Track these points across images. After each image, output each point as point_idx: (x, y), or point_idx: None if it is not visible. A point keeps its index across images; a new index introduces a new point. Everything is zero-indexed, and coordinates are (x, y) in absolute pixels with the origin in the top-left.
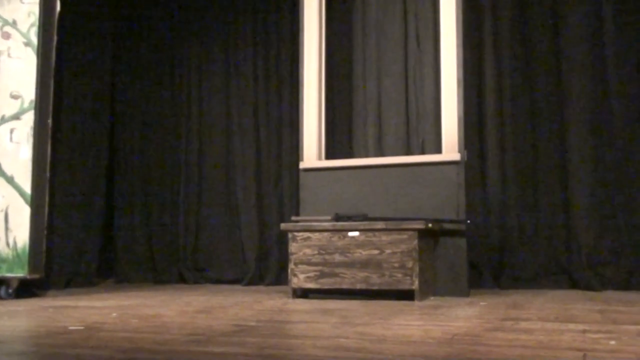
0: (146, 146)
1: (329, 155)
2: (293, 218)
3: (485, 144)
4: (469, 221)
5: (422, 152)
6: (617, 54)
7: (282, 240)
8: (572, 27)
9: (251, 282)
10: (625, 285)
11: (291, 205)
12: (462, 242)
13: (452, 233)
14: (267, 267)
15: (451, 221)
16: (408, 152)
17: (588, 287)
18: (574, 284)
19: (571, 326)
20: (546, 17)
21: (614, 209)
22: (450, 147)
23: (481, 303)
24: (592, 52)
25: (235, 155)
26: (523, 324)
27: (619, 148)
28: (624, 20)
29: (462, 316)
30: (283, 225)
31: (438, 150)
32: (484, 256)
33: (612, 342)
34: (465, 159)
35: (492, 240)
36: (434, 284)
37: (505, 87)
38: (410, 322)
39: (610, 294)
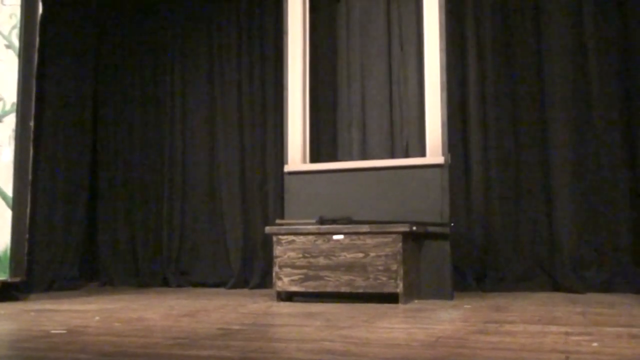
0: (129, 149)
1: (314, 159)
2: (278, 221)
3: (468, 147)
4: (452, 224)
5: (406, 155)
6: (598, 58)
7: (267, 243)
8: (554, 31)
9: (235, 286)
10: (607, 287)
11: (276, 208)
12: (446, 245)
13: (436, 236)
14: (252, 271)
15: (435, 224)
16: (392, 155)
17: (570, 290)
18: (556, 287)
19: (554, 328)
20: (528, 20)
21: (595, 212)
22: (434, 150)
23: (465, 306)
24: (574, 55)
25: (219, 158)
26: (506, 327)
27: (601, 152)
28: (604, 23)
29: (446, 319)
30: (268, 229)
31: (422, 153)
32: (468, 259)
33: (594, 344)
34: (449, 162)
35: (476, 244)
36: (418, 287)
37: (488, 90)
38: (394, 325)
39: (592, 296)
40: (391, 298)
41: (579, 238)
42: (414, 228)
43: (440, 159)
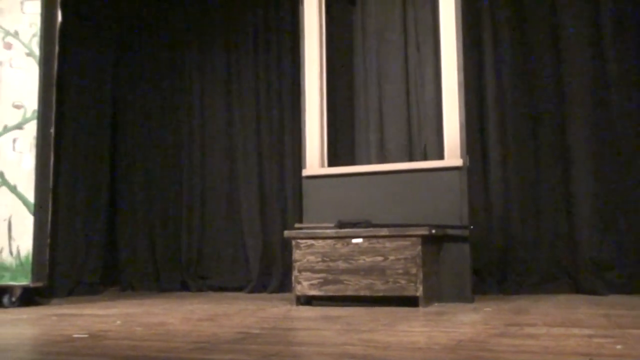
0: (148, 155)
1: (332, 163)
2: (296, 225)
3: (487, 148)
4: (472, 227)
5: (424, 158)
6: (617, 56)
7: (286, 247)
8: (572, 25)
9: (255, 290)
10: (630, 289)
11: (294, 212)
12: (465, 247)
13: (455, 239)
14: (271, 275)
15: (454, 227)
16: (410, 158)
17: (592, 292)
18: (578, 289)
19: (576, 331)
20: (545, 20)
21: (617, 213)
22: (453, 152)
23: (486, 309)
24: (593, 54)
25: (237, 163)
26: (528, 330)
27: (621, 152)
28: (623, 22)
29: (467, 322)
30: (286, 233)
31: (440, 156)
32: (488, 261)
33: (618, 347)
34: (468, 164)
35: (496, 246)
36: (438, 290)
37: (507, 91)
38: (414, 329)
39: (614, 298)
40: (411, 301)
41: (600, 239)
42: (433, 231)
43: (458, 161)
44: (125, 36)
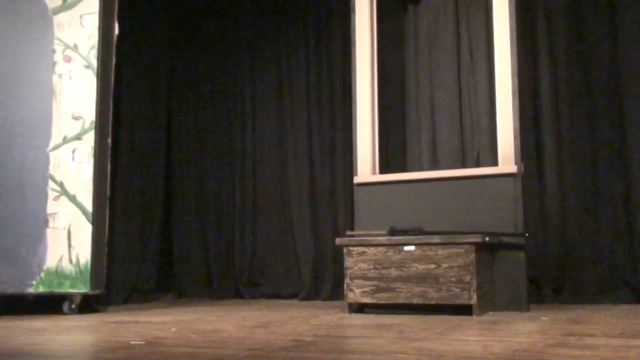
0: (202, 163)
1: (383, 170)
2: (348, 233)
3: (542, 155)
4: (527, 234)
5: (478, 165)
6: None
7: (338, 255)
8: (630, 31)
9: (307, 297)
10: None
11: (346, 220)
12: (520, 255)
13: (510, 247)
14: (323, 282)
15: (509, 234)
16: (463, 165)
17: None
18: (638, 299)
19: (637, 342)
20: (603, 21)
21: None
22: (507, 159)
23: (542, 318)
24: None
25: (289, 170)
26: (587, 340)
27: None
28: None
29: (523, 331)
30: (338, 240)
31: (494, 162)
32: (544, 270)
33: None
34: (522, 171)
35: (552, 254)
36: (492, 298)
37: (562, 95)
38: (469, 338)
39: None
40: (465, 310)
41: None
42: (487, 239)
43: (513, 168)
44: (178, 45)
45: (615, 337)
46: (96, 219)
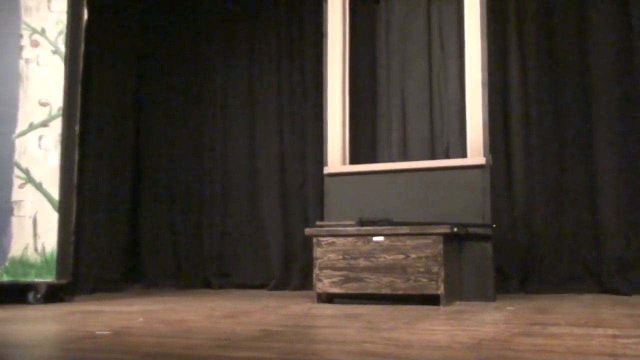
0: (171, 152)
1: (353, 160)
2: (317, 223)
3: (510, 146)
4: (494, 225)
5: (447, 156)
6: None
7: (307, 245)
8: (598, 25)
9: (276, 287)
10: None
11: (316, 210)
12: (488, 246)
13: (477, 237)
14: (292, 272)
15: (476, 225)
16: (432, 156)
17: (616, 292)
18: (601, 289)
19: (600, 331)
20: (572, 17)
21: None
22: (475, 151)
23: (508, 308)
24: (619, 49)
25: (259, 160)
26: (551, 329)
27: None
28: None
29: (489, 321)
30: (307, 230)
31: (463, 154)
32: (510, 260)
33: None
34: (491, 162)
35: (519, 245)
36: (459, 288)
37: (531, 88)
38: (436, 327)
39: (638, 298)
40: (432, 300)
41: (625, 239)
42: (455, 229)
43: (481, 160)
44: (149, 34)
45: (579, 326)
46: (63, 208)
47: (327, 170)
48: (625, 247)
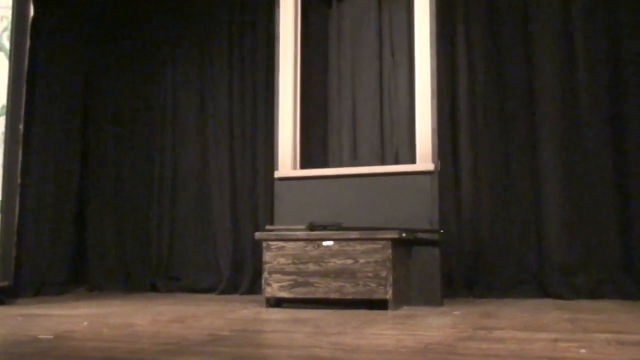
0: (119, 153)
1: (304, 165)
2: (267, 227)
3: (458, 154)
4: (442, 231)
5: (397, 162)
6: (587, 62)
7: (257, 249)
8: (543, 36)
9: (225, 291)
10: (596, 294)
11: (266, 214)
12: (435, 251)
13: (425, 243)
14: (241, 276)
15: (425, 230)
16: (382, 162)
17: (559, 296)
18: (545, 293)
19: (542, 335)
20: (518, 28)
21: (584, 218)
22: (424, 157)
23: (454, 312)
24: (563, 64)
25: (209, 164)
26: (495, 333)
27: (589, 158)
28: (594, 26)
29: (435, 326)
30: (257, 234)
31: (412, 160)
32: (458, 266)
33: (583, 351)
34: (439, 169)
35: (466, 250)
36: (407, 293)
37: (479, 97)
38: (383, 332)
39: (580, 302)
40: (380, 304)
41: (568, 245)
42: (404, 234)
43: (430, 166)
44: (97, 31)
45: (521, 330)
46: (5, 207)
47: (277, 174)
48: (567, 253)
